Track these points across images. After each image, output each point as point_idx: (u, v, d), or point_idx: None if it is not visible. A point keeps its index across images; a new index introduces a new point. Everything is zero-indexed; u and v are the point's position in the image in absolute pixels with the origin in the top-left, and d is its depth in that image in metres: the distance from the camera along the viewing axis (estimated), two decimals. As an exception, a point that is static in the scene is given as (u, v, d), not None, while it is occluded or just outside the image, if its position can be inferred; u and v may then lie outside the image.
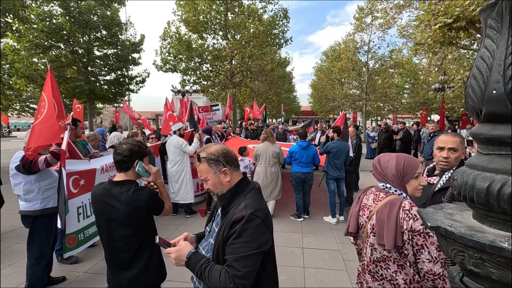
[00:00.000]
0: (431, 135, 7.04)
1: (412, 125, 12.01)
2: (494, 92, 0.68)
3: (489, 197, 0.68)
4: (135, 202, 1.67)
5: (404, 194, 1.47)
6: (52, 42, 13.07)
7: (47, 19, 12.51)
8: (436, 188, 1.85)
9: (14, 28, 11.07)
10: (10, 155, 2.87)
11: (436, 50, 11.00)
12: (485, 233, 0.69)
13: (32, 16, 12.06)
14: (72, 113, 6.25)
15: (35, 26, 12.01)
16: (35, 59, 13.09)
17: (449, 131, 9.59)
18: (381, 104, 26.08)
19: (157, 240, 1.41)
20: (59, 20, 12.98)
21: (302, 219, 5.21)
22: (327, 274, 3.41)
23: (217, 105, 10.76)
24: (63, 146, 2.83)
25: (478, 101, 0.73)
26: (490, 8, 0.71)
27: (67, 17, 12.90)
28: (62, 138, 2.92)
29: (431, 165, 2.07)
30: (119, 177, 1.76)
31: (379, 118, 29.78)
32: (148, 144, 5.49)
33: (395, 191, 1.48)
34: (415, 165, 1.47)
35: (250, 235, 1.21)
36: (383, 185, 1.53)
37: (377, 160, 1.58)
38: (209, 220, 1.54)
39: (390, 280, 1.43)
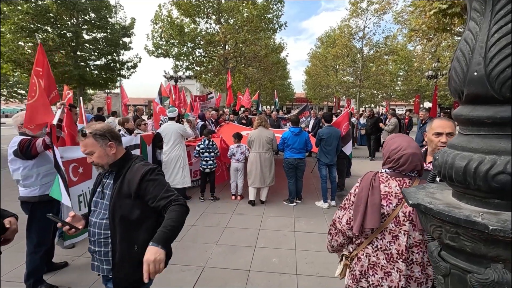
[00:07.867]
0: (422, 122, 7.13)
1: (405, 112, 12.11)
2: (475, 73, 0.70)
3: (467, 175, 0.71)
4: None
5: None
6: (39, 25, 12.55)
7: (33, 1, 11.99)
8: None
9: (-3, 10, 10.61)
10: (7, 141, 2.82)
11: (431, 36, 10.96)
12: (462, 209, 0.73)
13: (17, -3, 11.54)
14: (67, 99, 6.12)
15: (19, 8, 11.51)
16: (21, 43, 12.61)
17: (442, 115, 9.68)
18: (375, 91, 26.13)
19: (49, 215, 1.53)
20: (45, 2, 12.45)
21: (294, 204, 5.30)
22: (318, 256, 3.51)
23: (211, 93, 10.94)
24: (54, 121, 2.76)
25: (460, 83, 0.75)
26: (475, -10, 0.72)
27: (53, -1, 12.38)
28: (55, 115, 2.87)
29: (423, 150, 2.03)
30: None
31: (372, 105, 29.89)
32: (139, 131, 5.45)
33: (416, 174, 1.53)
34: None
35: (162, 179, 1.63)
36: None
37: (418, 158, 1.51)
38: (93, 193, 1.73)
39: (420, 263, 1.46)
